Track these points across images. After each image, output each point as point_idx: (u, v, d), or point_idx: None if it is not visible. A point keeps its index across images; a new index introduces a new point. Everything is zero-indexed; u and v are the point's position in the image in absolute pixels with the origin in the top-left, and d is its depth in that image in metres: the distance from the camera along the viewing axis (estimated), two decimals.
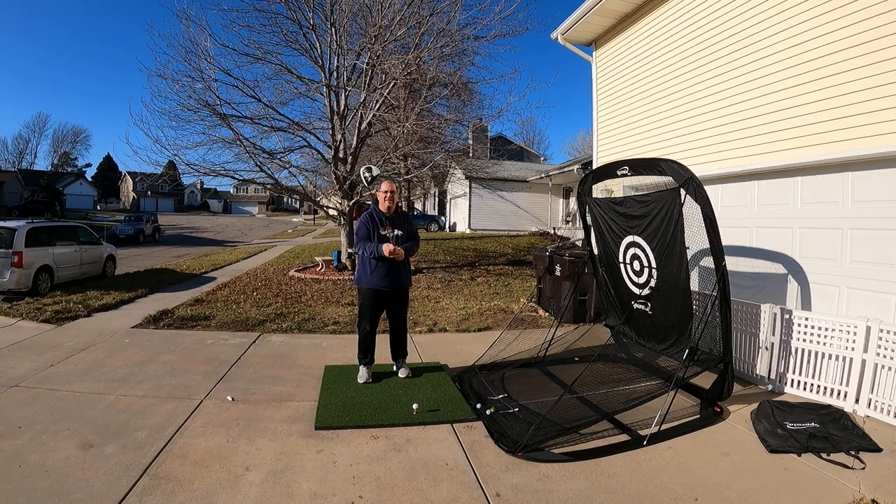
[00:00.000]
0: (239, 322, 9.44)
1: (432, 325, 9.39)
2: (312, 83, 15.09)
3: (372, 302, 6.32)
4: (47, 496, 3.70)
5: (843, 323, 5.63)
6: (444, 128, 18.91)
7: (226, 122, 13.71)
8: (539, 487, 4.01)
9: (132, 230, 33.94)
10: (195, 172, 14.49)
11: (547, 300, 10.84)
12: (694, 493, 3.94)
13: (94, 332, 8.55)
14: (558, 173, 30.28)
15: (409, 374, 6.57)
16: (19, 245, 11.99)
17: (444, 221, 40.07)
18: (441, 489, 3.97)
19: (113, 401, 5.57)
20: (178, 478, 4.03)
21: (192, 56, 13.32)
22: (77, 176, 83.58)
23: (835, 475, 4.22)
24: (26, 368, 6.57)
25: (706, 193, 5.18)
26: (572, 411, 5.34)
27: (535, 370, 6.90)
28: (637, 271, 6.44)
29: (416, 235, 6.48)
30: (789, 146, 6.87)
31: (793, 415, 5.11)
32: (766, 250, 7.32)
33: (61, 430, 4.78)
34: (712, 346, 5.73)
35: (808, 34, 6.62)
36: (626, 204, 6.56)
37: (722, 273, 5.32)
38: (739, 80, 7.71)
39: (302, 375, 6.60)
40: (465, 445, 4.73)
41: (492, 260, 20.01)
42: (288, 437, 4.80)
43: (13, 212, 45.06)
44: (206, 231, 47.55)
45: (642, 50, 10.19)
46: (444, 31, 14.59)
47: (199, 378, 6.40)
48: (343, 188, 15.31)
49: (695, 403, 5.67)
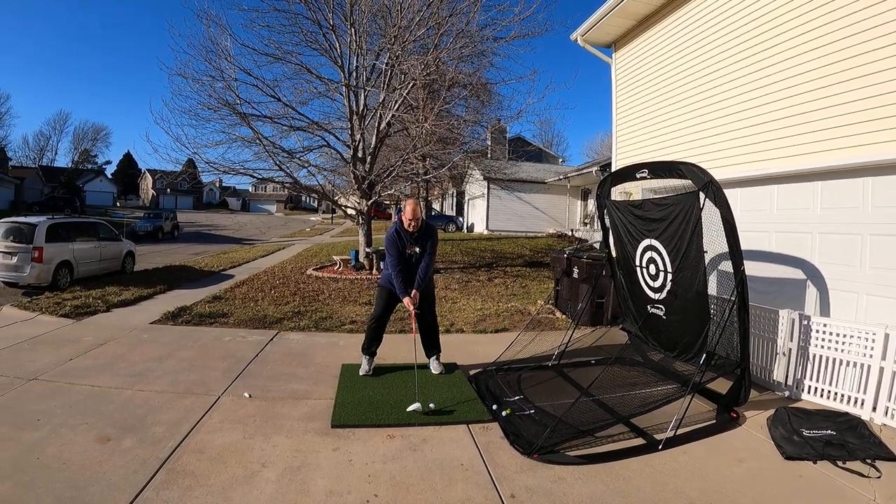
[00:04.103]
0: (256, 320, 9.52)
1: (449, 326, 9.40)
2: (332, 83, 15.20)
3: (387, 299, 6.59)
4: (65, 488, 3.77)
5: (862, 330, 5.56)
6: (463, 128, 18.88)
7: (245, 121, 13.83)
8: (553, 489, 4.02)
9: (151, 227, 34.21)
10: (215, 171, 14.68)
11: (564, 302, 10.82)
12: (709, 499, 3.93)
13: (112, 328, 8.68)
14: (576, 175, 30.19)
15: (442, 370, 6.74)
16: (40, 240, 12.21)
17: (461, 222, 40.08)
18: (456, 489, 4.00)
19: (131, 396, 5.66)
20: (195, 473, 4.09)
21: (212, 55, 13.51)
22: (97, 173, 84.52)
23: (850, 483, 4.18)
24: (46, 362, 6.68)
25: (725, 197, 5.14)
26: (588, 414, 5.34)
27: (551, 372, 6.90)
28: (653, 275, 6.42)
29: (435, 247, 6.63)
30: (810, 150, 6.80)
31: (809, 422, 5.08)
32: (784, 255, 7.25)
33: (79, 424, 4.86)
34: (729, 352, 5.69)
35: (829, 37, 6.55)
36: (645, 207, 6.54)
37: (741, 278, 5.29)
38: (759, 84, 7.64)
39: (319, 373, 6.66)
40: (481, 446, 4.75)
41: (509, 261, 19.99)
42: (304, 435, 4.85)
43: (34, 207, 45.60)
44: (224, 229, 47.91)
45: (662, 52, 10.14)
46: (464, 31, 14.61)
47: (216, 374, 6.47)
48: (362, 188, 15.41)
49: (711, 408, 5.66)
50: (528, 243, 25.90)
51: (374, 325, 6.64)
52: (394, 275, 6.27)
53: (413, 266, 6.40)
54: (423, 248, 6.42)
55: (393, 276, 6.28)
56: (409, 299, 6.26)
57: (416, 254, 6.41)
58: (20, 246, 12.06)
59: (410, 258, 6.41)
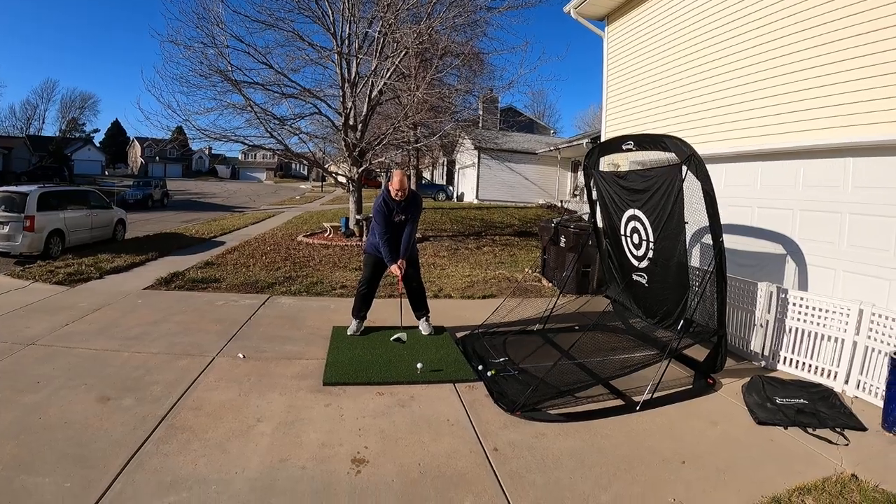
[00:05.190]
0: (248, 284, 9.66)
1: (437, 291, 9.58)
2: (324, 50, 15.14)
3: (374, 265, 6.79)
4: (68, 445, 3.91)
5: (837, 304, 5.74)
6: (455, 98, 18.86)
7: (237, 88, 13.79)
8: (534, 444, 4.24)
9: (141, 195, 34.00)
10: (206, 138, 14.66)
11: (551, 271, 11.01)
12: (681, 457, 4.14)
13: (106, 294, 8.77)
14: (567, 147, 30.18)
15: (432, 331, 6.96)
16: (31, 209, 12.18)
17: (451, 191, 40.07)
18: (442, 442, 4.20)
19: (128, 358, 5.79)
20: (193, 427, 4.27)
21: (204, 22, 13.40)
22: (85, 141, 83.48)
23: (819, 449, 4.37)
24: (42, 328, 6.76)
25: (707, 170, 5.28)
26: (569, 375, 5.55)
27: (536, 336, 7.10)
28: (636, 244, 6.59)
29: (419, 215, 6.89)
30: (794, 129, 6.93)
31: (783, 390, 5.28)
32: (766, 230, 7.43)
33: (79, 385, 4.99)
34: (707, 320, 5.89)
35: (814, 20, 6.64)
36: (629, 178, 6.69)
37: (719, 249, 5.45)
38: (747, 62, 7.74)
39: (310, 335, 6.83)
40: (466, 404, 4.96)
41: (498, 230, 20.14)
42: (297, 392, 5.04)
43: (22, 177, 45.04)
44: (214, 197, 47.62)
45: (653, 26, 10.18)
46: (457, 1, 14.56)
47: (210, 337, 6.62)
48: (353, 155, 15.44)
49: (689, 375, 5.88)
50: (517, 213, 26.02)
51: (364, 290, 6.83)
52: (381, 243, 6.45)
53: (399, 233, 6.59)
54: (407, 216, 6.61)
55: (381, 244, 6.46)
56: (395, 266, 6.48)
57: (402, 221, 6.59)
58: (12, 215, 12.01)
59: (397, 226, 6.58)
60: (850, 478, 3.86)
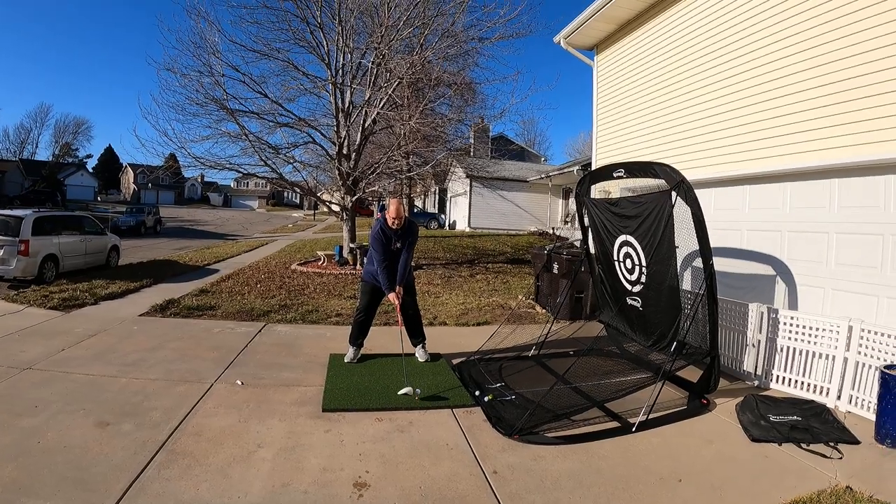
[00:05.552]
0: (244, 312, 9.68)
1: (432, 319, 9.63)
2: (319, 80, 15.34)
3: (371, 293, 6.87)
4: (68, 469, 3.91)
5: (827, 322, 5.87)
6: (447, 127, 19.11)
7: (233, 116, 13.96)
8: (533, 466, 4.29)
9: (134, 221, 34.08)
10: (201, 165, 14.73)
11: (544, 297, 11.09)
12: (678, 476, 4.21)
13: (102, 320, 8.77)
14: (558, 174, 30.51)
15: (428, 358, 7.02)
16: (26, 233, 12.19)
17: (444, 219, 40.31)
18: (442, 466, 4.24)
19: (126, 383, 5.80)
20: (194, 453, 4.28)
21: (201, 51, 13.60)
22: (78, 167, 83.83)
23: (813, 464, 4.46)
24: (38, 352, 6.77)
25: (696, 196, 5.42)
26: (566, 399, 5.61)
27: (531, 362, 7.17)
28: (629, 269, 6.70)
29: (415, 242, 6.95)
30: (781, 153, 7.13)
31: (776, 408, 5.34)
32: (756, 252, 7.58)
33: (77, 410, 4.99)
34: (700, 342, 6.00)
35: (799, 46, 6.88)
36: (621, 204, 6.82)
37: (710, 272, 5.58)
38: (733, 89, 7.96)
39: (308, 363, 6.86)
40: (465, 428, 5.00)
41: (491, 258, 20.27)
42: (297, 419, 5.06)
43: (14, 201, 45.21)
44: (206, 224, 47.73)
45: (642, 56, 10.43)
46: (449, 31, 14.85)
47: (208, 364, 6.64)
48: (346, 184, 15.55)
49: (683, 396, 5.95)
50: (509, 241, 26.19)
51: (361, 317, 6.89)
52: (380, 271, 6.52)
53: (396, 260, 6.67)
54: (404, 244, 6.68)
55: (379, 272, 6.53)
56: (394, 295, 6.55)
57: (398, 249, 6.66)
58: (6, 239, 12.02)
59: (394, 254, 6.65)
60: (845, 490, 3.93)
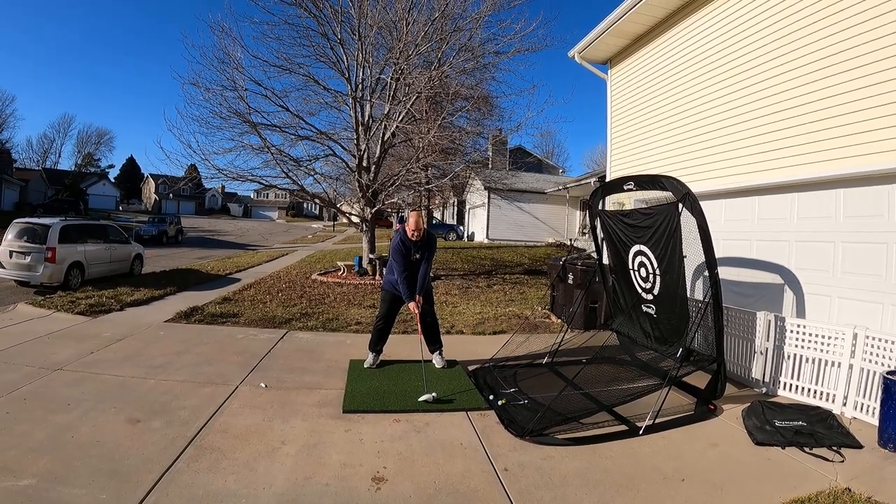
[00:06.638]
0: (266, 320, 9.95)
1: (450, 328, 9.82)
2: (339, 94, 15.70)
3: (391, 302, 7.12)
4: (101, 461, 4.19)
5: (833, 330, 6.00)
6: (465, 139, 19.34)
7: (255, 129, 14.30)
8: (543, 465, 4.49)
9: (156, 231, 34.73)
10: (224, 177, 15.08)
11: (560, 307, 11.26)
12: (682, 475, 4.38)
13: (128, 325, 9.10)
14: (576, 185, 30.62)
15: (445, 364, 7.23)
16: (53, 241, 12.63)
17: (462, 231, 40.53)
18: (456, 463, 4.47)
19: (154, 384, 6.10)
20: (221, 448, 4.55)
21: (224, 66, 14.01)
22: (100, 177, 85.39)
23: (815, 466, 4.60)
24: (68, 354, 7.10)
25: (701, 207, 5.62)
26: (576, 403, 5.82)
27: (544, 369, 7.36)
28: (644, 277, 6.88)
29: (434, 253, 7.18)
30: (787, 164, 7.30)
31: (782, 414, 5.48)
32: (764, 261, 7.73)
33: (108, 408, 5.29)
34: (707, 348, 6.18)
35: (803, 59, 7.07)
36: (633, 216, 7.02)
37: (715, 280, 5.77)
38: (742, 102, 8.15)
39: (329, 368, 7.11)
40: (478, 430, 5.22)
41: (508, 269, 20.43)
42: (318, 419, 5.31)
43: (38, 209, 46.11)
44: (227, 234, 48.33)
45: (654, 70, 10.64)
46: (466, 46, 15.18)
47: (233, 367, 6.92)
48: (366, 196, 15.85)
49: (691, 402, 6.10)
50: (526, 252, 26.35)
51: (380, 325, 7.13)
52: (400, 281, 6.76)
53: (415, 271, 6.90)
54: (423, 255, 6.93)
55: (399, 282, 6.77)
56: (413, 304, 6.77)
57: (417, 260, 6.91)
58: (34, 246, 12.46)
59: (413, 264, 6.90)
60: (844, 490, 4.07)
